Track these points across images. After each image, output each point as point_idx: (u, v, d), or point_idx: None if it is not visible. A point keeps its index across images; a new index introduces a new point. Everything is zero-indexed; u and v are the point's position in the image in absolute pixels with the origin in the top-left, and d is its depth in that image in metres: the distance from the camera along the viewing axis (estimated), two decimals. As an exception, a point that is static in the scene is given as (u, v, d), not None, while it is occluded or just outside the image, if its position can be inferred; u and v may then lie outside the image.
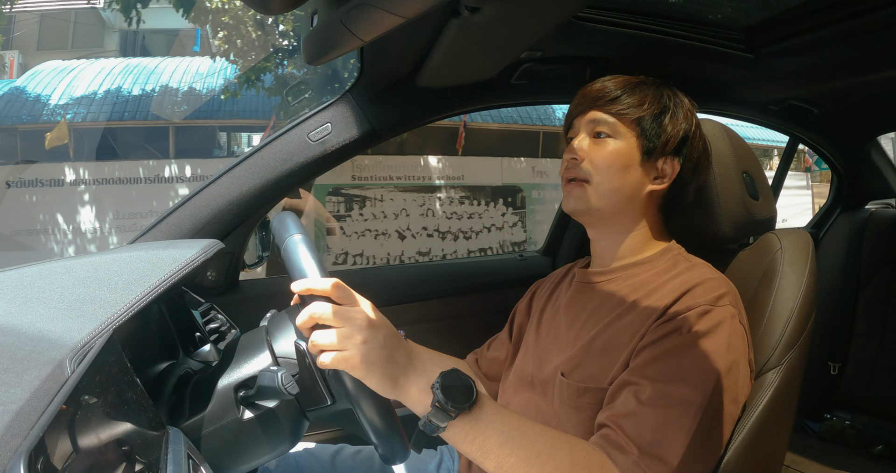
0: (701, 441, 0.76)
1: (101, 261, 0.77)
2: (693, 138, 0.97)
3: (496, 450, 0.71)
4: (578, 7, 1.16)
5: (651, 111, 0.94)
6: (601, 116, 0.96)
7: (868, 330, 1.85)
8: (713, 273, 0.90)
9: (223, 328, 0.96)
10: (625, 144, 0.94)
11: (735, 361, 0.81)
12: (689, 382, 0.77)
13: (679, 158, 0.96)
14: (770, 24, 1.40)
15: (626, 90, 0.96)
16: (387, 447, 0.74)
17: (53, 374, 0.56)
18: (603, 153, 0.94)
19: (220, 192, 1.25)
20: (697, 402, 0.76)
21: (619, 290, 0.94)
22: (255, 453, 0.79)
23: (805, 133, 1.93)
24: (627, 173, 0.94)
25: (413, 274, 1.82)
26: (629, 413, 0.77)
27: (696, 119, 0.99)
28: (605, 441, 0.77)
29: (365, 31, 0.68)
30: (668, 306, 0.84)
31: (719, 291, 0.85)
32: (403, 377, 0.72)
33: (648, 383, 0.79)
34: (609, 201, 0.94)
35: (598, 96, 0.97)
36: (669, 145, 0.95)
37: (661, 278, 0.91)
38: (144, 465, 0.58)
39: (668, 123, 0.95)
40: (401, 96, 1.32)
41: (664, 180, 0.96)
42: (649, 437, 0.75)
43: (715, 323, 0.81)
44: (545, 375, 0.95)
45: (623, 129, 0.95)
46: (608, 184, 0.94)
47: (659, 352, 0.80)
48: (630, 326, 0.87)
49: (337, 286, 0.72)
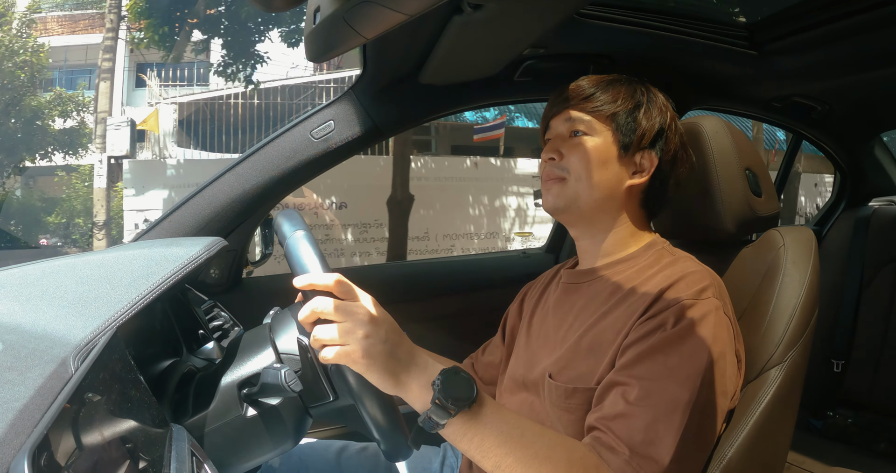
0: (692, 437, 0.76)
1: (104, 259, 0.77)
2: (669, 131, 0.97)
3: (494, 449, 0.71)
4: (581, 4, 1.16)
5: (625, 107, 0.95)
6: (576, 114, 0.96)
7: (871, 327, 1.85)
8: (696, 266, 0.89)
9: (226, 326, 0.96)
10: (601, 140, 0.95)
11: (721, 353, 0.80)
12: (675, 379, 0.77)
13: (656, 151, 0.97)
14: (773, 21, 1.39)
15: (599, 88, 0.97)
16: (390, 443, 0.74)
17: (57, 372, 0.56)
18: (580, 150, 0.94)
19: (224, 189, 1.25)
20: (686, 399, 0.76)
21: (603, 289, 0.94)
22: (259, 450, 0.79)
23: (809, 130, 1.92)
24: (606, 169, 0.94)
25: (415, 271, 1.82)
26: (618, 415, 0.77)
27: (671, 113, 0.99)
28: (597, 443, 0.77)
29: (368, 29, 0.68)
30: (652, 302, 0.84)
31: (702, 283, 0.85)
32: (405, 372, 0.71)
33: (636, 382, 0.78)
34: (588, 197, 0.94)
35: (572, 96, 0.97)
36: (645, 139, 0.95)
37: (645, 274, 0.91)
38: (148, 462, 0.59)
39: (643, 117, 0.95)
40: (403, 94, 1.32)
41: (643, 174, 0.96)
42: (639, 437, 0.75)
43: (699, 317, 0.81)
44: (535, 377, 0.95)
45: (599, 125, 0.95)
46: (587, 180, 0.94)
47: (644, 350, 0.80)
48: (615, 324, 0.86)
49: (339, 282, 0.72)
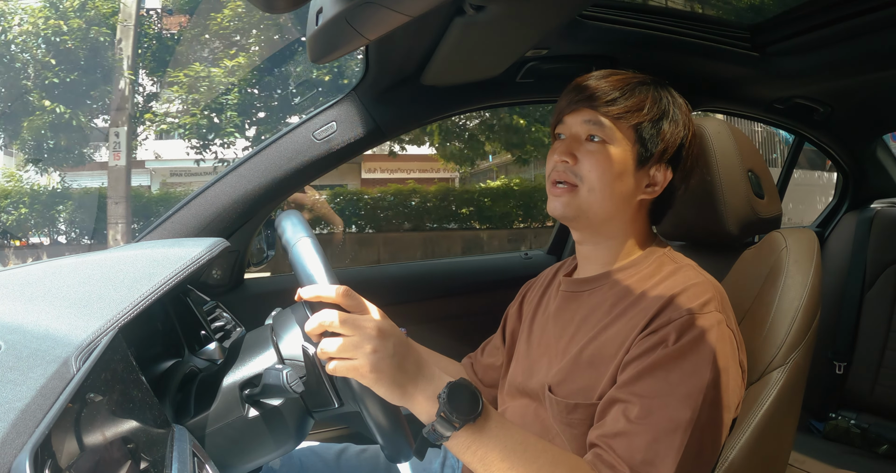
0: (693, 454, 0.75)
1: (106, 259, 0.77)
2: (689, 147, 0.94)
3: (497, 463, 0.71)
4: (583, 5, 1.16)
5: (650, 116, 0.89)
6: (596, 117, 0.89)
7: (874, 329, 1.84)
8: (698, 277, 0.86)
9: (228, 327, 0.96)
10: (619, 151, 0.88)
11: (724, 368, 0.79)
12: (677, 397, 0.76)
13: (672, 166, 0.92)
14: (776, 22, 1.39)
15: (624, 91, 0.89)
16: (392, 446, 0.74)
17: (59, 372, 0.56)
18: (596, 159, 0.88)
19: (226, 190, 1.25)
20: (686, 417, 0.75)
21: (605, 299, 0.91)
22: (260, 451, 0.79)
23: (811, 132, 1.92)
24: (620, 182, 0.89)
25: (417, 273, 1.82)
26: (619, 433, 0.76)
27: (692, 123, 0.94)
28: (599, 461, 0.76)
29: (370, 30, 0.68)
30: (653, 316, 0.82)
31: (704, 296, 0.82)
32: (412, 384, 0.71)
33: (637, 400, 0.77)
34: (599, 209, 0.89)
35: (593, 95, 0.90)
36: (666, 154, 0.90)
37: (647, 284, 0.88)
38: (149, 463, 0.59)
39: (668, 129, 0.90)
40: (406, 95, 1.32)
41: (655, 189, 0.92)
42: (640, 456, 0.74)
43: (701, 332, 0.79)
44: (534, 385, 0.94)
45: (619, 135, 0.89)
46: (599, 192, 0.88)
47: (645, 366, 0.79)
48: (616, 338, 0.85)
49: (346, 294, 0.71)
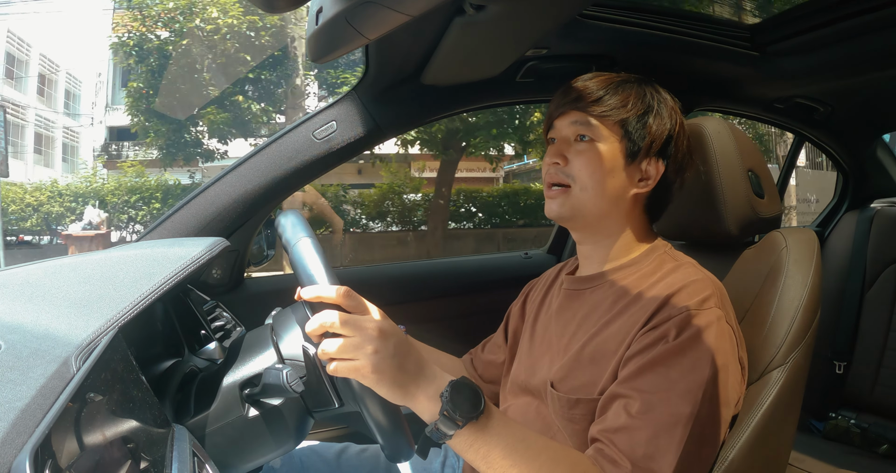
0: (693, 449, 0.75)
1: (106, 259, 0.77)
2: (678, 138, 0.95)
3: (499, 461, 0.72)
4: (583, 5, 1.16)
5: (635, 112, 0.91)
6: (583, 118, 0.92)
7: (874, 329, 1.84)
8: (698, 274, 0.87)
9: (228, 326, 0.96)
10: (608, 147, 0.91)
11: (724, 364, 0.80)
12: (677, 392, 0.77)
13: (663, 159, 0.94)
14: (776, 22, 1.39)
15: (608, 90, 0.92)
16: (392, 445, 0.74)
17: (59, 371, 0.56)
18: (585, 157, 0.91)
19: (226, 190, 1.25)
20: (687, 412, 0.76)
21: (606, 297, 0.92)
22: (260, 450, 0.79)
23: (811, 131, 1.92)
24: (611, 178, 0.91)
25: (417, 272, 1.82)
26: (620, 428, 0.77)
27: (680, 118, 0.96)
28: (600, 455, 0.77)
29: (370, 29, 0.68)
30: (654, 312, 0.83)
31: (704, 293, 0.83)
32: (413, 384, 0.71)
33: (637, 395, 0.78)
34: (593, 207, 0.92)
35: (579, 97, 0.93)
36: (654, 147, 0.92)
37: (647, 281, 0.90)
38: (149, 462, 0.59)
39: (653, 123, 0.92)
40: (406, 94, 1.32)
41: (648, 183, 0.93)
42: (641, 451, 0.75)
43: (700, 328, 0.80)
44: (536, 383, 0.95)
45: (606, 131, 0.91)
46: (592, 189, 0.91)
47: (646, 362, 0.79)
48: (617, 334, 0.86)
49: (347, 295, 0.71)
